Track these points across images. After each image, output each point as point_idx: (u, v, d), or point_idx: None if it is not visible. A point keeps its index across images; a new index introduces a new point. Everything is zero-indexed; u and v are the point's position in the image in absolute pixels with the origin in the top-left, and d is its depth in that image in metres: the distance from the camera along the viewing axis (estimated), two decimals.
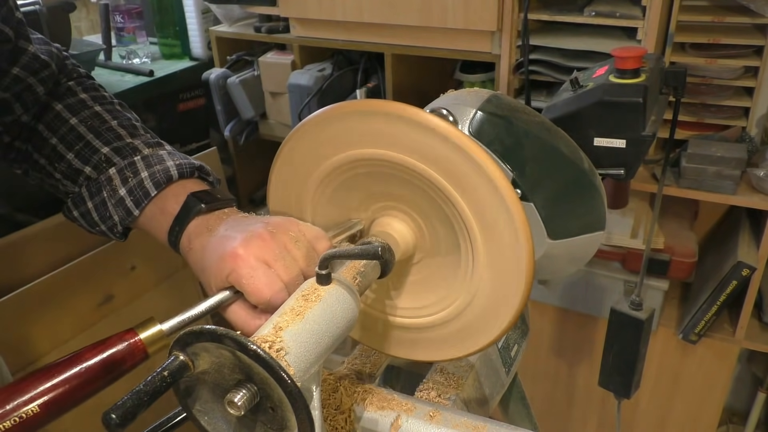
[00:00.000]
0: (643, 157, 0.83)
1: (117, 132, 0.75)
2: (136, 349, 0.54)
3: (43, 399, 0.49)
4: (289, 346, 0.49)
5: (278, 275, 0.58)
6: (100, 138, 0.74)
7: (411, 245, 0.63)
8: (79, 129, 0.75)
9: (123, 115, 0.78)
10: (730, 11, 1.37)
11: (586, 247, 0.74)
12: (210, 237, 0.64)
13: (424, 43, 1.59)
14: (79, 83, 0.80)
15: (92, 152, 0.74)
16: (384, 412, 0.64)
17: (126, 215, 0.71)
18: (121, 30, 2.11)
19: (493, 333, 0.61)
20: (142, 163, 0.72)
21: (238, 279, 0.57)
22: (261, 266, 0.58)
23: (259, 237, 0.59)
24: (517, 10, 1.43)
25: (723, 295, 1.46)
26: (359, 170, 0.62)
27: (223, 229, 0.64)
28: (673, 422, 1.71)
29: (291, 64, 1.80)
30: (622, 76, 0.82)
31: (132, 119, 0.78)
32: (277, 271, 0.58)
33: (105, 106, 0.78)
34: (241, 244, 0.59)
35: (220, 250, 0.60)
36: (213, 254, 0.61)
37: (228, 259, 0.58)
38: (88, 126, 0.75)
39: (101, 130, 0.75)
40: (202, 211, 0.67)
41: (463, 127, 0.69)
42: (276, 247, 0.59)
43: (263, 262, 0.58)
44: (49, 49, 0.78)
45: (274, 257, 0.58)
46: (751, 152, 1.40)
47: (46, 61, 0.76)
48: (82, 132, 0.75)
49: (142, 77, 1.96)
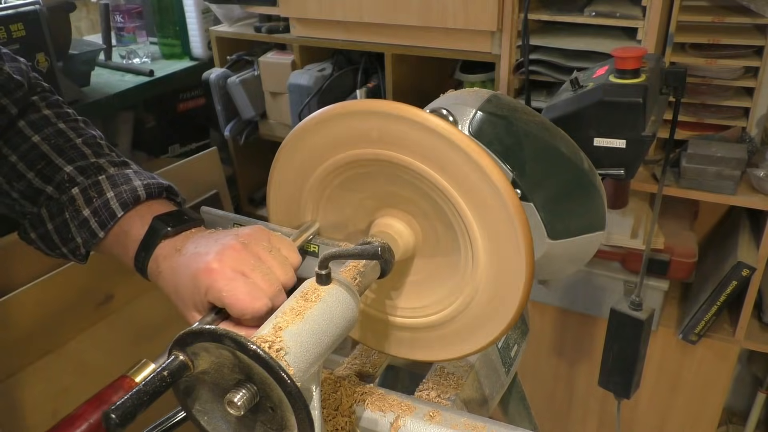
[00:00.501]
0: (643, 157, 0.83)
1: (81, 150, 0.72)
2: None
3: None
4: (288, 346, 0.49)
5: (257, 284, 0.57)
6: (63, 156, 0.71)
7: (411, 245, 0.63)
8: (42, 147, 0.71)
9: (87, 132, 0.75)
10: (730, 11, 1.37)
11: (586, 247, 0.74)
12: (179, 257, 0.62)
13: (424, 43, 1.59)
14: (43, 98, 0.77)
15: (54, 171, 0.70)
16: (384, 412, 0.64)
17: (90, 237, 0.68)
18: (121, 30, 2.11)
19: (493, 333, 0.61)
20: (108, 183, 0.69)
21: (218, 294, 0.56)
22: (238, 277, 0.56)
23: (231, 248, 0.58)
24: (517, 10, 1.43)
25: (723, 296, 1.46)
26: (359, 170, 0.62)
27: (193, 246, 0.62)
28: (673, 422, 1.71)
29: (291, 64, 1.80)
30: (622, 76, 0.82)
31: (97, 137, 0.75)
32: (255, 280, 0.57)
33: (69, 123, 0.75)
34: (215, 258, 0.57)
35: (193, 268, 0.58)
36: (185, 273, 0.59)
37: (203, 276, 0.57)
38: (51, 144, 0.72)
39: (65, 148, 0.71)
40: (169, 234, 0.64)
41: (463, 127, 0.69)
42: (251, 258, 0.58)
43: (240, 273, 0.57)
44: (18, 66, 0.75)
45: (251, 267, 0.57)
46: (751, 152, 1.40)
47: (20, 81, 0.73)
48: (45, 150, 0.71)
49: (142, 77, 1.96)
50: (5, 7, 1.60)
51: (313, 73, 1.74)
